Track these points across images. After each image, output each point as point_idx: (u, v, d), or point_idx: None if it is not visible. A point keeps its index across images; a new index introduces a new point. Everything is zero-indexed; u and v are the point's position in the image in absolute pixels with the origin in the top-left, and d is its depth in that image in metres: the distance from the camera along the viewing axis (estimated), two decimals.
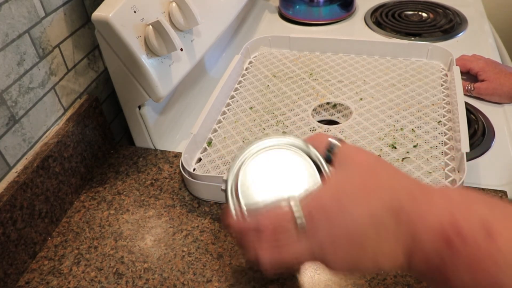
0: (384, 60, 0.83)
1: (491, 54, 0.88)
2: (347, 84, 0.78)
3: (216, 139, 0.69)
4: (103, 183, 0.67)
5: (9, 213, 0.52)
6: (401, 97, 0.73)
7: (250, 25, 1.09)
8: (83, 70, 0.68)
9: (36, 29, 0.57)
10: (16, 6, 0.53)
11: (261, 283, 0.51)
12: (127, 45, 0.58)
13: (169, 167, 0.69)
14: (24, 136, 0.57)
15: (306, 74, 0.82)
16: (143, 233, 0.59)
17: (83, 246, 0.58)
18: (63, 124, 0.63)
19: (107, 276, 0.54)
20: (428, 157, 0.61)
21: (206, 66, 0.89)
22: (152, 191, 0.65)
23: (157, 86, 0.62)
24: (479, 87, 0.77)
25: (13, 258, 0.53)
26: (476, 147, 0.68)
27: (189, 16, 0.64)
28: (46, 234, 0.59)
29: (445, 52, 0.79)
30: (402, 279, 0.51)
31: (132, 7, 0.58)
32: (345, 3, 1.07)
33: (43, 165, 0.57)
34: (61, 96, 0.63)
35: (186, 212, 0.61)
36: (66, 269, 0.55)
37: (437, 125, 0.66)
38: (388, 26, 1.02)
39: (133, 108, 0.68)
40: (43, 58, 0.59)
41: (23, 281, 0.54)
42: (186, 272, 0.54)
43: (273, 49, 0.90)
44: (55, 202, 0.60)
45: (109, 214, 0.62)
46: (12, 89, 0.54)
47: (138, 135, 0.72)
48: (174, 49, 0.60)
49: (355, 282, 0.51)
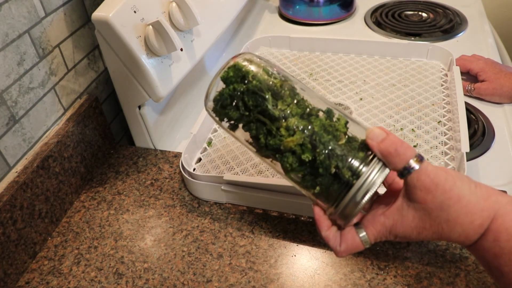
0: (384, 60, 0.83)
1: (491, 54, 0.88)
2: (347, 84, 0.78)
3: (216, 139, 0.69)
4: (103, 183, 0.67)
5: (9, 213, 0.52)
6: (401, 97, 0.73)
7: (250, 25, 1.08)
8: (83, 70, 0.68)
9: (36, 29, 0.57)
10: (16, 6, 0.53)
11: (261, 283, 0.51)
12: (127, 45, 0.58)
13: (169, 167, 0.69)
14: (24, 136, 0.57)
15: (306, 74, 0.82)
16: (143, 233, 0.59)
17: (83, 246, 0.58)
18: (63, 124, 0.63)
19: (107, 276, 0.54)
20: (428, 157, 0.61)
21: (206, 66, 0.89)
22: (152, 191, 0.65)
23: (157, 86, 0.62)
24: (479, 87, 0.77)
25: (13, 258, 0.53)
26: (476, 147, 0.68)
27: (189, 16, 0.64)
28: (46, 234, 0.59)
29: (445, 52, 0.79)
30: (402, 279, 0.51)
31: (132, 7, 0.58)
32: (345, 3, 1.07)
33: (43, 165, 0.57)
34: (61, 96, 0.63)
35: (186, 212, 0.61)
36: (66, 269, 0.55)
37: (437, 125, 0.66)
38: (388, 26, 1.02)
39: (133, 108, 0.68)
40: (43, 58, 0.59)
41: (23, 281, 0.54)
42: (186, 272, 0.54)
43: (273, 49, 0.90)
44: (55, 202, 0.60)
45: (109, 214, 0.62)
46: (12, 89, 0.54)
47: (138, 135, 0.72)
48: (174, 49, 0.60)
49: (355, 282, 0.51)
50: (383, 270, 0.52)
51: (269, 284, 0.51)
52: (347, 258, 0.53)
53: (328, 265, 0.53)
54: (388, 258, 0.53)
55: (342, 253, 0.41)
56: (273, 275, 0.52)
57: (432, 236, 0.38)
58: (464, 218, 0.36)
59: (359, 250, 0.41)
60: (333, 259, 0.54)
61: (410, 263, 0.52)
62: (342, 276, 0.52)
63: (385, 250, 0.54)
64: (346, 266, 0.53)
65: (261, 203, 0.60)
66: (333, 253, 0.42)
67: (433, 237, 0.38)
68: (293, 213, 0.60)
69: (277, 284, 0.51)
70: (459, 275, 0.51)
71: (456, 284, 0.50)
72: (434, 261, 0.52)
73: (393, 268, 0.52)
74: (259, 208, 0.61)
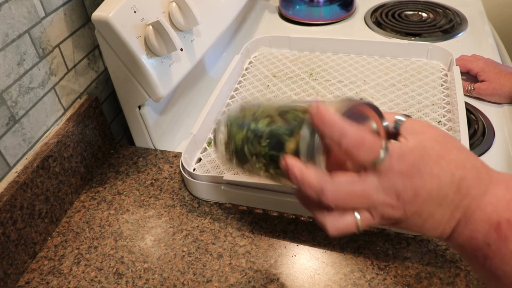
0: (384, 60, 0.83)
1: (491, 54, 0.88)
2: (347, 84, 0.78)
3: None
4: (103, 183, 0.67)
5: (9, 213, 0.52)
6: (401, 97, 0.73)
7: (250, 25, 1.09)
8: (83, 70, 0.68)
9: (36, 29, 0.57)
10: (16, 6, 0.53)
11: (261, 283, 0.51)
12: (127, 45, 0.58)
13: (169, 167, 0.69)
14: (24, 136, 0.57)
15: (306, 74, 0.82)
16: (143, 233, 0.59)
17: (83, 246, 0.58)
18: (63, 124, 0.63)
19: (107, 276, 0.54)
20: None
21: (206, 66, 0.89)
22: (152, 191, 0.65)
23: (157, 86, 0.62)
24: (479, 87, 0.77)
25: (13, 258, 0.53)
26: (476, 147, 0.68)
27: (189, 16, 0.64)
28: (46, 234, 0.59)
29: (445, 52, 0.79)
30: (402, 279, 0.51)
31: (132, 7, 0.58)
32: (345, 3, 1.07)
33: (43, 165, 0.57)
34: (61, 96, 0.63)
35: (186, 212, 0.61)
36: (66, 269, 0.55)
37: (437, 125, 0.66)
38: (388, 26, 1.02)
39: (133, 108, 0.68)
40: (43, 58, 0.59)
41: (23, 281, 0.54)
42: (186, 272, 0.54)
43: (273, 49, 0.90)
44: (55, 202, 0.60)
45: (109, 214, 0.62)
46: (12, 89, 0.54)
47: (138, 135, 0.72)
48: (174, 49, 0.60)
49: (355, 282, 0.51)
50: (383, 270, 0.52)
51: (269, 284, 0.51)
52: (347, 258, 0.53)
53: (328, 265, 0.53)
54: (388, 258, 0.53)
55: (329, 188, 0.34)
56: (273, 275, 0.52)
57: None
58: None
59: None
60: (333, 259, 0.54)
61: (410, 263, 0.52)
62: (342, 276, 0.52)
63: (385, 250, 0.54)
64: (346, 266, 0.53)
65: (261, 203, 0.60)
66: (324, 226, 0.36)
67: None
68: (293, 213, 0.60)
69: (277, 284, 0.51)
70: (459, 275, 0.51)
71: (456, 284, 0.50)
72: (434, 261, 0.52)
73: (393, 268, 0.52)
74: (259, 208, 0.61)
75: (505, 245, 0.31)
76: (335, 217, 0.35)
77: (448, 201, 0.34)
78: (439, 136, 0.36)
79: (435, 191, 0.33)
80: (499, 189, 0.34)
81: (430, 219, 0.34)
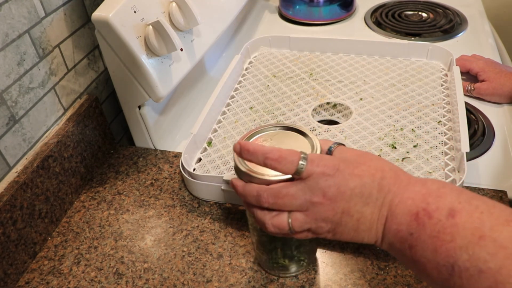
0: (384, 60, 0.83)
1: (491, 54, 0.88)
2: (347, 84, 0.78)
3: (216, 139, 0.69)
4: (103, 183, 0.67)
5: (9, 213, 0.52)
6: (401, 97, 0.73)
7: (250, 25, 1.09)
8: (83, 70, 0.68)
9: (36, 29, 0.57)
10: (16, 6, 0.53)
11: (261, 283, 0.51)
12: (127, 45, 0.58)
13: (169, 167, 0.69)
14: (24, 136, 0.57)
15: (306, 74, 0.82)
16: (143, 233, 0.59)
17: (83, 246, 0.58)
18: (63, 124, 0.63)
19: (107, 276, 0.54)
20: (428, 157, 0.61)
21: (206, 66, 0.89)
22: (152, 191, 0.65)
23: (157, 86, 0.62)
24: (479, 87, 0.77)
25: (13, 258, 0.53)
26: (476, 147, 0.68)
27: (189, 16, 0.64)
28: (46, 234, 0.59)
29: (445, 52, 0.79)
30: (402, 279, 0.51)
31: (132, 7, 0.58)
32: (345, 3, 1.07)
33: (43, 165, 0.57)
34: (61, 96, 0.63)
35: (186, 212, 0.61)
36: (66, 269, 0.55)
37: (437, 125, 0.66)
38: (388, 26, 1.02)
39: (133, 108, 0.68)
40: (43, 58, 0.59)
41: (23, 281, 0.54)
42: (186, 272, 0.54)
43: (273, 49, 0.90)
44: (55, 202, 0.60)
45: (109, 214, 0.62)
46: (12, 89, 0.54)
47: (138, 135, 0.72)
48: (174, 49, 0.60)
49: (355, 282, 0.51)
50: (383, 270, 0.52)
51: (269, 284, 0.51)
52: (347, 258, 0.53)
53: (328, 265, 0.53)
54: (388, 258, 0.53)
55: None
56: (273, 275, 0.52)
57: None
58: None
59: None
60: (333, 259, 0.54)
61: None
62: (342, 276, 0.52)
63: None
64: (346, 266, 0.53)
65: None
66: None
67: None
68: None
69: (277, 284, 0.51)
70: None
71: None
72: None
73: (393, 268, 0.52)
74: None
75: (424, 231, 0.35)
76: (272, 215, 0.41)
77: (373, 199, 0.38)
78: (361, 152, 0.42)
79: (358, 188, 0.38)
80: (416, 186, 0.38)
81: (362, 218, 0.39)
